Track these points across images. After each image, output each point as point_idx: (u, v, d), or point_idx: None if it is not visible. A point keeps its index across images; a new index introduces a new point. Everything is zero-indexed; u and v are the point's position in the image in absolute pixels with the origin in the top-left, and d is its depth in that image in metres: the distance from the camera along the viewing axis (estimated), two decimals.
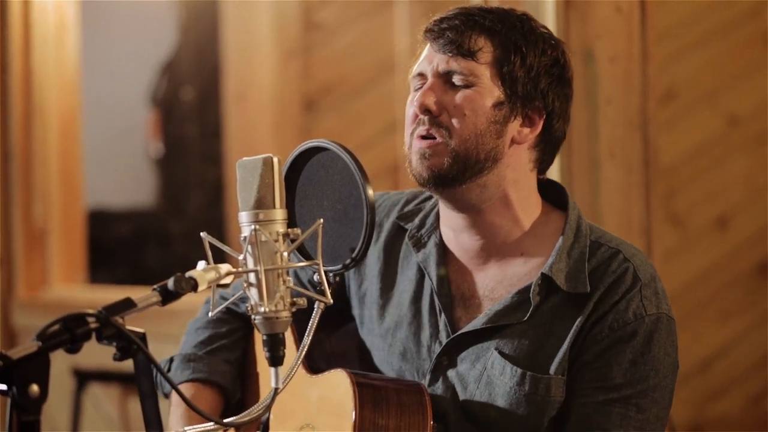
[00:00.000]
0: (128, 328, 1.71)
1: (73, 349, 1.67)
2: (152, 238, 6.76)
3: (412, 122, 2.15)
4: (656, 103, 3.07)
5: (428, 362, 2.20)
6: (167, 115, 6.72)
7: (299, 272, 2.31)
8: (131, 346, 1.71)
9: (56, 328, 1.65)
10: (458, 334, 2.17)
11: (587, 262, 2.14)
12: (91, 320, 1.67)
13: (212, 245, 1.86)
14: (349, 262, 1.95)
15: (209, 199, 6.26)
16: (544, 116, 2.17)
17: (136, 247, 6.77)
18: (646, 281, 2.13)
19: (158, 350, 2.45)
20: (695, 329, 5.10)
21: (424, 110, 2.12)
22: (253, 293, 1.84)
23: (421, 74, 2.17)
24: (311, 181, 1.99)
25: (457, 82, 2.12)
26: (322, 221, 1.89)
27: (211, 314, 1.91)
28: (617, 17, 3.01)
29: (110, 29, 6.85)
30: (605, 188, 2.99)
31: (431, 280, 2.22)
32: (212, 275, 1.80)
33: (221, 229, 5.21)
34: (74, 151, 5.37)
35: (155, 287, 1.77)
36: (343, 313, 2.35)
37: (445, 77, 2.13)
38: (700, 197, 5.24)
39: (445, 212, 2.22)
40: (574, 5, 3.00)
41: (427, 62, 2.16)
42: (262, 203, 1.85)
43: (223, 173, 5.41)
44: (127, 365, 1.88)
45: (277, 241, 1.84)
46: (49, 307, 5.09)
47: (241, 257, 1.85)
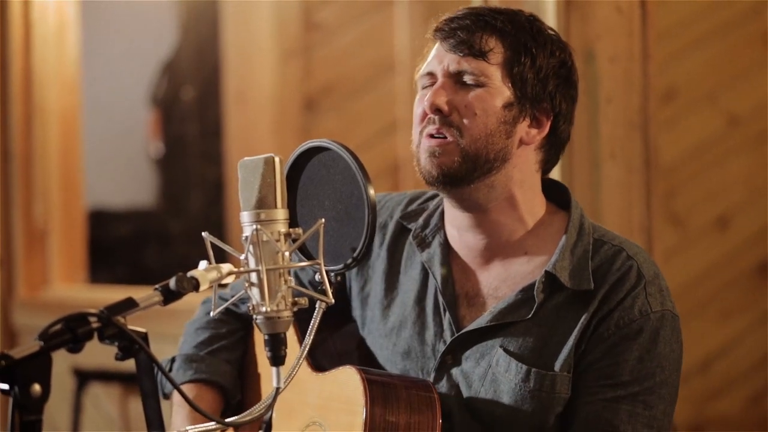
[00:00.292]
0: (130, 327, 1.71)
1: (75, 348, 1.67)
2: (152, 237, 6.76)
3: (420, 121, 2.15)
4: (656, 102, 3.07)
5: (432, 361, 2.21)
6: (167, 114, 6.72)
7: (299, 272, 2.31)
8: (133, 345, 1.71)
9: (58, 327, 1.66)
10: (463, 332, 2.18)
11: (591, 260, 2.15)
12: (92, 320, 1.68)
13: (214, 245, 1.86)
14: (350, 261, 1.95)
15: (209, 198, 6.26)
16: (551, 118, 2.18)
17: (136, 246, 6.77)
18: (650, 278, 2.14)
19: (159, 350, 2.45)
20: (695, 329, 5.10)
21: (435, 109, 2.12)
22: (254, 293, 1.84)
23: (430, 73, 2.17)
24: (313, 180, 1.99)
25: (468, 81, 2.13)
26: (323, 221, 1.89)
27: (212, 314, 1.91)
28: (618, 17, 3.01)
29: (110, 29, 6.84)
30: (606, 188, 2.99)
31: (435, 279, 2.22)
32: (214, 275, 1.80)
33: (221, 229, 5.21)
34: (74, 150, 5.37)
35: (157, 287, 1.77)
36: (345, 312, 2.35)
37: (455, 77, 2.14)
38: (700, 197, 5.24)
39: (450, 211, 2.23)
40: (574, 5, 3.01)
41: (437, 61, 2.17)
42: (263, 203, 1.85)
43: (223, 173, 5.41)
44: (127, 365, 1.89)
45: (278, 240, 1.84)
46: (49, 306, 5.09)
47: (242, 257, 1.85)
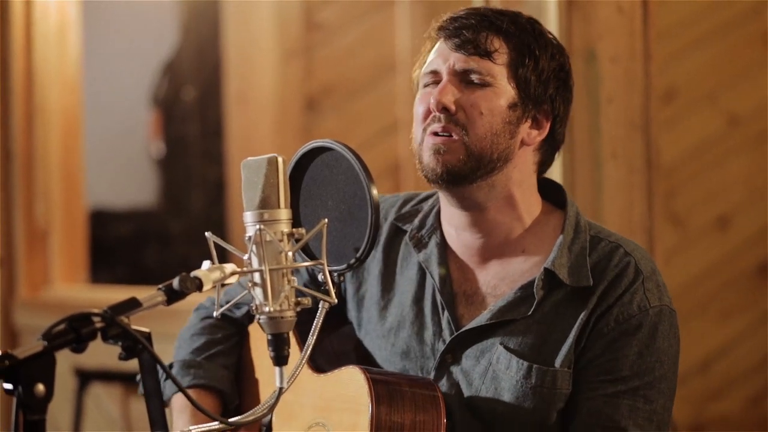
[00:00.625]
0: (133, 327, 1.71)
1: (78, 348, 1.67)
2: (153, 237, 6.76)
3: (423, 119, 2.16)
4: (657, 102, 3.07)
5: (432, 360, 2.21)
6: (168, 114, 6.72)
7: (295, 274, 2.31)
8: (136, 345, 1.72)
9: (62, 327, 1.66)
10: (462, 330, 2.19)
11: (588, 256, 2.17)
12: (96, 320, 1.68)
13: (217, 245, 1.86)
14: (353, 261, 1.96)
15: (210, 198, 6.26)
16: (550, 120, 2.20)
17: (137, 246, 6.77)
18: (647, 274, 2.16)
19: (163, 350, 2.45)
20: (695, 329, 5.10)
21: (441, 108, 2.13)
22: (257, 293, 1.84)
23: (434, 72, 2.18)
24: (315, 181, 1.99)
25: (474, 80, 2.15)
26: (326, 221, 1.89)
27: (216, 313, 1.91)
28: (619, 17, 3.02)
29: (111, 29, 6.84)
30: (607, 188, 2.99)
31: (433, 278, 2.23)
32: (217, 275, 1.80)
33: (222, 229, 5.21)
34: (75, 150, 5.37)
35: (160, 287, 1.77)
36: (341, 314, 2.36)
37: (461, 75, 2.15)
38: (700, 197, 5.24)
39: (448, 210, 2.23)
40: (576, 5, 3.01)
41: (441, 60, 2.17)
42: (266, 203, 1.85)
43: (224, 173, 5.41)
44: (128, 365, 1.89)
45: (281, 240, 1.84)
46: (50, 306, 5.09)
47: (245, 257, 1.85)
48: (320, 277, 1.92)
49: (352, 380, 2.12)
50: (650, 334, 2.13)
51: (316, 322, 1.94)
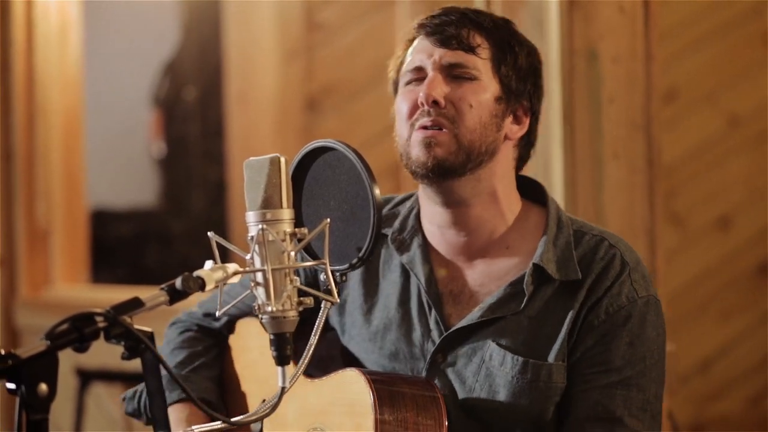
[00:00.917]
0: (136, 327, 1.71)
1: (81, 348, 1.67)
2: (154, 237, 6.77)
3: (409, 115, 2.18)
4: (658, 102, 3.07)
5: (422, 362, 2.21)
6: (169, 114, 6.73)
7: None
8: (139, 345, 1.71)
9: (64, 327, 1.66)
10: (453, 330, 2.19)
11: (574, 250, 2.18)
12: (99, 319, 1.68)
13: (219, 245, 1.86)
14: (355, 261, 1.95)
15: (211, 199, 6.27)
16: (529, 116, 2.24)
17: (138, 246, 6.77)
18: (633, 265, 2.18)
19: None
20: (696, 329, 5.11)
21: (431, 101, 2.14)
22: (260, 293, 1.84)
23: (419, 68, 2.20)
24: (318, 180, 1.99)
25: (460, 74, 2.17)
26: (329, 221, 1.89)
27: (218, 313, 1.91)
28: (620, 17, 3.02)
29: (113, 29, 6.85)
30: (608, 188, 2.99)
31: (419, 279, 2.23)
32: (220, 274, 1.80)
33: (223, 229, 5.21)
34: (77, 150, 5.38)
35: (163, 286, 1.77)
36: (331, 319, 2.34)
37: (447, 70, 2.17)
38: (700, 197, 5.24)
39: (430, 209, 2.24)
40: (577, 5, 3.01)
41: (425, 56, 2.19)
42: (269, 203, 1.85)
43: (224, 173, 5.42)
44: (130, 365, 1.89)
45: (284, 240, 1.84)
46: (51, 306, 5.10)
47: (248, 257, 1.85)
48: (322, 276, 1.92)
49: (351, 383, 2.11)
50: (639, 324, 2.15)
51: (318, 321, 1.94)
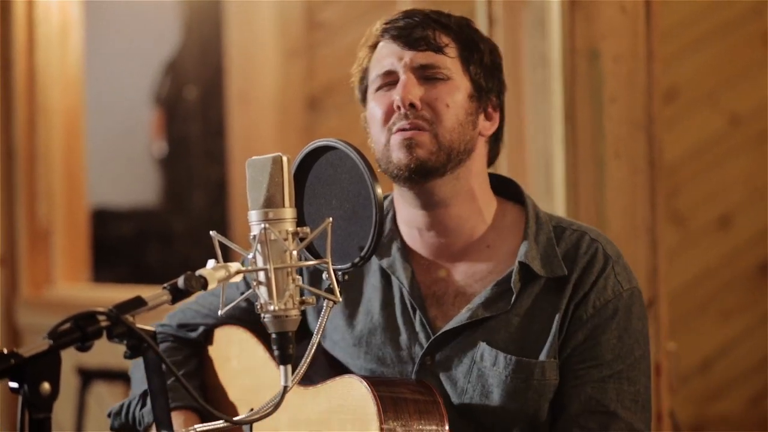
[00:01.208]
0: (138, 326, 1.71)
1: (83, 347, 1.67)
2: (155, 237, 6.77)
3: (385, 120, 2.17)
4: (659, 102, 3.07)
5: (410, 365, 2.21)
6: (170, 114, 6.73)
7: None
8: (142, 344, 1.72)
9: (67, 326, 1.66)
10: (442, 332, 2.18)
11: (557, 246, 2.19)
12: (101, 318, 1.68)
13: (221, 244, 1.86)
14: (358, 260, 1.95)
15: (212, 198, 6.27)
16: (498, 111, 2.24)
17: (139, 246, 6.77)
18: (615, 258, 2.20)
19: None
20: (696, 329, 5.11)
21: (408, 104, 2.14)
22: (262, 292, 1.84)
23: (390, 72, 2.19)
24: (320, 179, 1.99)
25: (434, 75, 2.17)
26: (331, 220, 1.89)
27: (221, 312, 1.91)
28: (622, 17, 3.02)
29: (114, 28, 6.85)
30: (610, 187, 3.00)
31: (402, 283, 2.22)
32: (222, 273, 1.80)
33: (224, 228, 5.22)
34: (78, 150, 5.38)
35: (165, 286, 1.77)
36: (305, 324, 2.31)
37: (419, 72, 2.17)
38: (701, 197, 5.24)
39: (408, 212, 2.23)
40: (579, 5, 3.01)
41: (395, 59, 2.18)
42: (271, 202, 1.85)
43: (225, 172, 5.42)
44: (131, 364, 1.89)
45: (286, 239, 1.84)
46: (52, 305, 5.10)
47: (250, 256, 1.85)
48: (324, 275, 1.92)
49: (353, 391, 2.09)
50: (626, 316, 2.17)
51: (320, 320, 1.94)
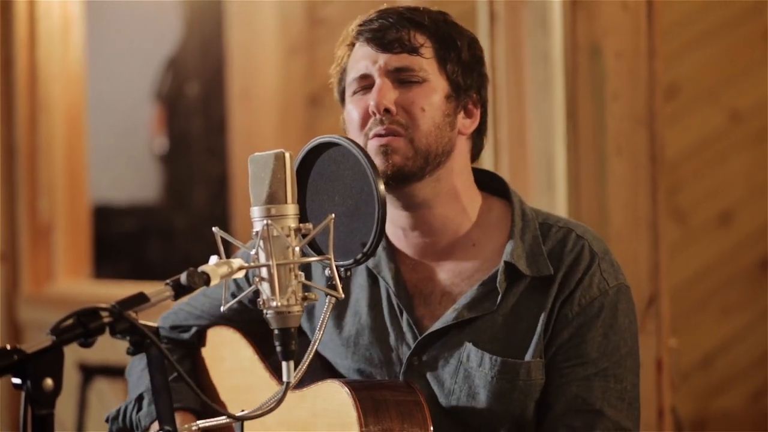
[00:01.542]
0: (141, 322, 1.71)
1: (86, 343, 1.68)
2: (156, 233, 6.77)
3: (362, 125, 2.14)
4: (661, 99, 3.08)
5: (398, 365, 2.20)
6: (172, 110, 6.73)
7: None
8: (144, 340, 1.72)
9: (70, 322, 1.66)
10: (428, 333, 2.17)
11: (543, 244, 2.18)
12: (104, 314, 1.68)
13: (223, 240, 1.86)
14: (360, 257, 1.95)
15: (213, 194, 6.27)
16: (479, 107, 2.21)
17: (140, 242, 6.78)
18: (601, 255, 2.18)
19: None
20: (697, 325, 5.11)
21: (383, 110, 2.11)
22: (265, 288, 1.84)
23: (365, 76, 2.16)
24: (322, 176, 1.99)
25: (409, 78, 2.14)
26: (333, 216, 1.89)
27: (223, 309, 1.91)
28: (624, 14, 3.02)
29: (115, 25, 6.85)
30: (612, 183, 3.00)
31: (387, 283, 2.21)
32: (224, 270, 1.80)
33: (225, 224, 5.21)
34: (79, 146, 5.38)
35: (168, 282, 1.77)
36: (302, 325, 2.31)
37: (394, 75, 2.14)
38: (702, 193, 5.25)
39: (391, 212, 2.19)
40: (580, 2, 3.01)
41: (369, 62, 2.15)
42: (274, 198, 1.85)
43: (227, 169, 5.41)
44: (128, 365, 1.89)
45: (288, 236, 1.84)
46: (54, 301, 5.10)
47: (252, 252, 1.85)
48: (327, 272, 1.92)
49: (335, 395, 2.09)
50: (612, 314, 2.15)
51: (323, 317, 1.94)
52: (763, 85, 5.21)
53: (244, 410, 2.23)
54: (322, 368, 2.28)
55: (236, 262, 1.83)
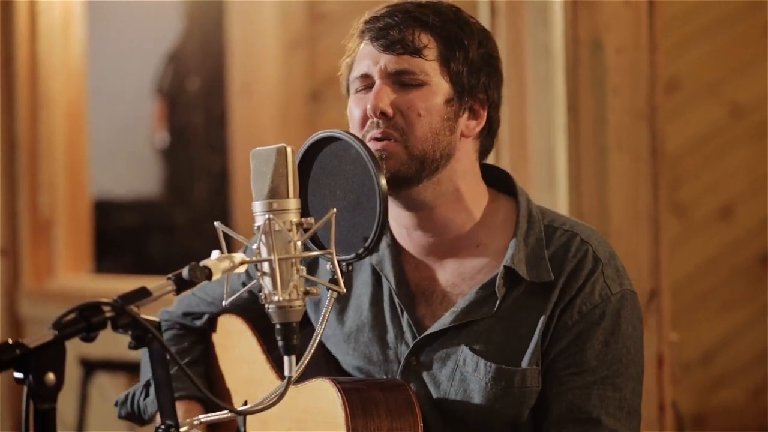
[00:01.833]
0: (143, 317, 1.72)
1: (88, 337, 1.68)
2: (157, 227, 6.77)
3: (361, 125, 2.12)
4: (662, 93, 3.08)
5: (396, 364, 2.19)
6: (172, 105, 6.73)
7: None
8: (146, 334, 1.72)
9: (72, 316, 1.66)
10: (425, 335, 2.16)
11: (545, 248, 2.15)
12: (106, 309, 1.68)
13: (225, 234, 1.87)
14: (361, 251, 1.95)
15: (214, 189, 6.27)
16: (487, 107, 2.17)
17: (141, 236, 6.78)
18: (606, 261, 2.15)
19: None
20: (698, 320, 5.11)
21: (378, 113, 2.09)
22: (266, 282, 1.84)
23: (365, 75, 2.14)
24: (324, 170, 1.99)
25: (408, 81, 2.11)
26: (335, 210, 1.89)
27: (225, 302, 1.91)
28: (625, 8, 3.02)
29: (116, 20, 6.85)
30: (613, 178, 2.99)
31: (389, 281, 2.20)
32: (226, 264, 1.81)
33: (226, 219, 5.21)
34: (80, 141, 5.38)
35: (170, 276, 1.77)
36: (308, 316, 2.30)
37: (394, 77, 2.11)
38: (702, 187, 5.25)
39: (395, 211, 2.19)
40: None
41: (371, 63, 2.13)
42: (275, 193, 1.85)
43: (228, 163, 5.42)
44: (133, 354, 1.89)
45: (290, 230, 1.84)
46: (54, 296, 5.10)
47: (254, 246, 1.85)
48: (329, 266, 1.92)
49: (325, 393, 2.09)
50: (614, 321, 2.12)
51: (324, 311, 1.94)
52: (763, 79, 5.22)
53: (247, 401, 2.24)
54: (326, 362, 2.28)
55: (238, 256, 1.83)
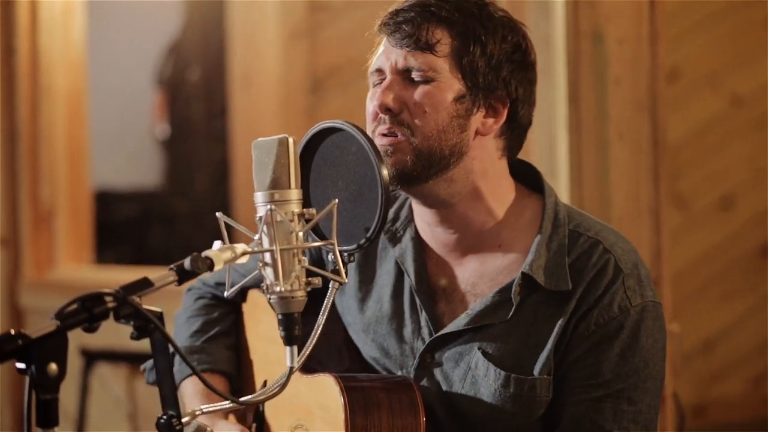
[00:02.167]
0: (145, 307, 1.72)
1: (90, 328, 1.68)
2: (158, 218, 6.78)
3: (373, 119, 2.12)
4: (663, 84, 3.07)
5: (411, 359, 2.19)
6: (173, 95, 6.73)
7: None
8: (148, 325, 1.72)
9: (74, 307, 1.66)
10: (440, 334, 2.16)
11: (567, 255, 2.12)
12: (108, 299, 1.68)
13: (227, 225, 1.87)
14: (363, 241, 1.94)
15: (214, 179, 6.27)
16: (508, 105, 2.14)
17: (142, 227, 6.78)
18: (628, 271, 2.11)
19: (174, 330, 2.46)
20: (698, 311, 5.12)
21: (384, 109, 2.09)
22: (268, 273, 1.84)
23: (379, 70, 2.14)
24: (326, 161, 1.98)
25: (416, 77, 2.10)
26: (337, 201, 1.89)
27: (227, 294, 1.91)
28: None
29: (116, 11, 6.85)
30: (614, 169, 2.99)
31: (409, 276, 2.19)
32: (228, 255, 1.80)
33: (227, 209, 5.21)
34: (81, 131, 5.38)
35: (172, 266, 1.77)
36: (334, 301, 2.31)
37: (403, 73, 2.11)
38: (703, 178, 5.26)
39: (416, 207, 2.20)
40: None
41: (384, 58, 2.13)
42: (277, 183, 1.85)
43: (228, 154, 5.42)
44: (134, 345, 1.89)
45: (292, 221, 1.84)
46: (55, 287, 5.10)
47: (256, 237, 1.85)
48: (330, 257, 1.92)
49: (327, 389, 2.09)
50: (632, 334, 2.08)
51: (326, 302, 1.93)
52: (764, 70, 5.22)
53: (266, 381, 2.24)
54: (348, 351, 2.28)
55: (240, 247, 1.83)
